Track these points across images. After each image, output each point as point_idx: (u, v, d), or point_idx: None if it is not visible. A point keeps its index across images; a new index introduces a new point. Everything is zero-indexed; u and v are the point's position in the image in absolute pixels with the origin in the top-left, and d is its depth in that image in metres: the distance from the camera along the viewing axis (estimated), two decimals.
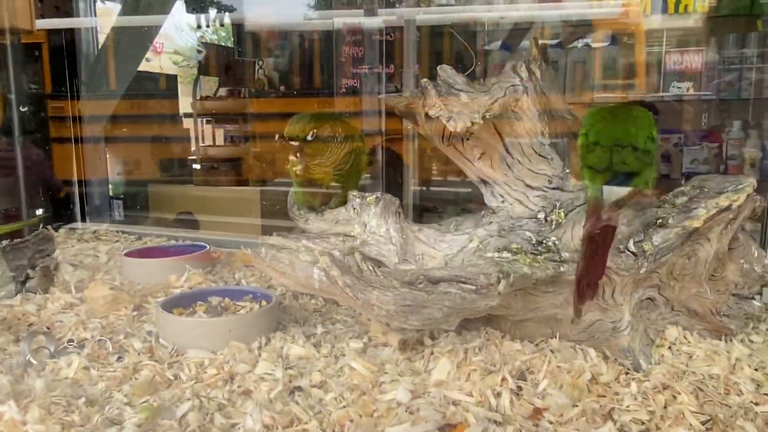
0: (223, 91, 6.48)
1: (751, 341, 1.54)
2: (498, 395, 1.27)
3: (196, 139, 5.95)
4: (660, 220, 1.38)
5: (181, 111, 6.58)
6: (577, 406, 1.24)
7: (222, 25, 6.54)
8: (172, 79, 7.12)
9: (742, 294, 1.51)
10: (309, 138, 1.43)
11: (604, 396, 1.31)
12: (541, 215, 1.39)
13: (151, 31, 3.01)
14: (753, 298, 1.67)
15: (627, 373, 1.38)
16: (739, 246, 1.52)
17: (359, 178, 1.51)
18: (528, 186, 1.41)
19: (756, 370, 1.40)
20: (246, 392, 1.35)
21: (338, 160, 1.45)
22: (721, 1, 4.18)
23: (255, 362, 1.48)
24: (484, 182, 1.45)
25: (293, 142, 1.43)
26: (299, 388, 1.32)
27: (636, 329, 1.41)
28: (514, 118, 1.34)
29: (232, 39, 6.66)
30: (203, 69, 6.23)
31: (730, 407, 1.27)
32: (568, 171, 1.41)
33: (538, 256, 1.34)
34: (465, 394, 1.26)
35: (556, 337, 1.46)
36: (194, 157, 6.09)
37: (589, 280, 1.24)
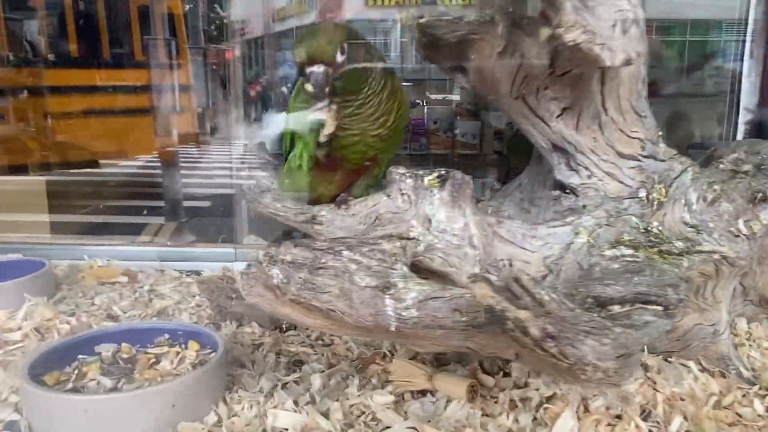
0: None
1: None
2: None
3: None
4: (760, 194, 1.10)
5: None
6: None
7: None
8: None
9: None
10: (340, 59, 0.86)
11: (735, 424, 1.01)
12: (643, 193, 1.02)
13: None
14: None
15: (739, 388, 1.09)
16: None
17: (399, 144, 0.96)
18: (620, 154, 1.03)
19: None
20: None
21: (381, 108, 0.88)
22: None
23: None
24: (559, 149, 1.03)
25: (317, 68, 0.84)
26: None
27: (731, 330, 1.13)
28: None
29: None
30: None
31: None
32: (661, 134, 1.07)
33: (651, 249, 0.97)
34: None
35: (644, 351, 1.12)
36: None
37: None
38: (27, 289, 1.45)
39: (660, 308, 0.76)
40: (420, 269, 0.89)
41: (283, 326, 1.41)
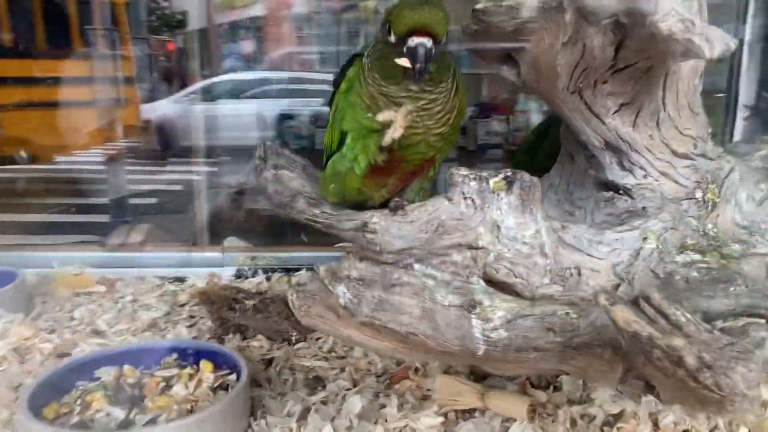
0: None
1: None
2: None
3: None
4: None
5: None
6: None
7: None
8: None
9: None
10: (443, 40, 0.73)
11: None
12: (699, 194, 0.97)
13: None
14: None
15: None
16: None
17: (452, 144, 0.87)
18: (674, 153, 0.97)
19: None
20: None
21: (447, 105, 0.78)
22: None
23: None
24: (611, 148, 0.97)
25: (426, 40, 0.69)
26: None
27: None
28: None
29: None
30: None
31: None
32: (710, 131, 1.02)
33: (713, 253, 0.92)
34: None
35: None
36: None
37: None
38: None
39: (764, 321, 0.70)
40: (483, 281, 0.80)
41: (292, 338, 1.31)
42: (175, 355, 1.07)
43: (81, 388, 0.98)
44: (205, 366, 1.05)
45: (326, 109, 0.87)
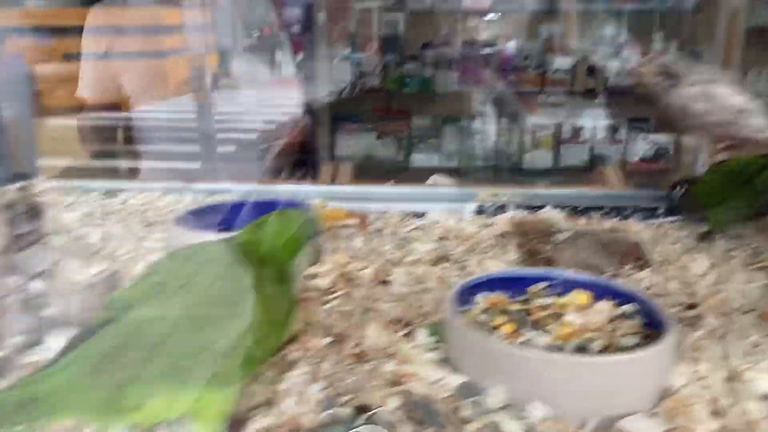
0: None
1: None
2: None
3: None
4: None
5: None
6: None
7: None
8: None
9: None
10: None
11: None
12: None
13: None
14: None
15: None
16: None
17: None
18: None
19: None
20: None
21: None
22: None
23: None
24: None
25: None
26: None
27: None
28: None
29: None
30: None
31: None
32: None
33: None
34: None
35: None
36: None
37: None
38: None
39: None
40: None
41: (604, 273, 1.25)
42: (542, 284, 1.02)
43: (469, 310, 0.95)
44: (580, 296, 0.99)
45: None
